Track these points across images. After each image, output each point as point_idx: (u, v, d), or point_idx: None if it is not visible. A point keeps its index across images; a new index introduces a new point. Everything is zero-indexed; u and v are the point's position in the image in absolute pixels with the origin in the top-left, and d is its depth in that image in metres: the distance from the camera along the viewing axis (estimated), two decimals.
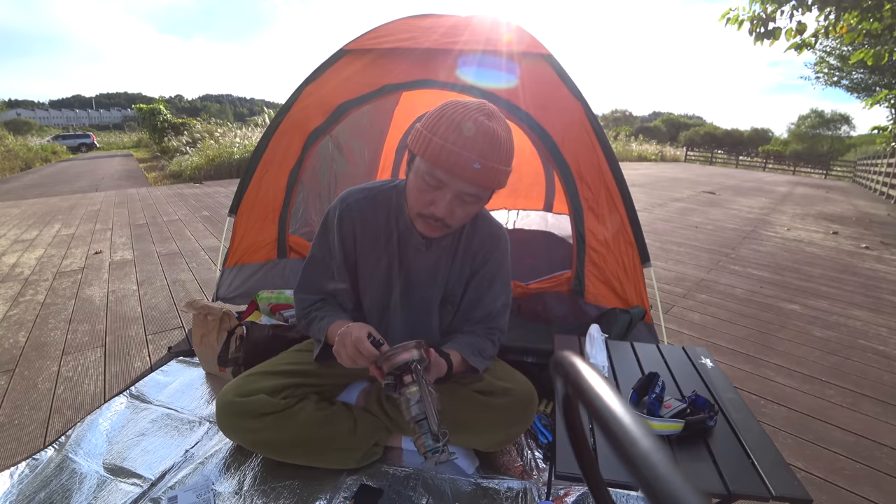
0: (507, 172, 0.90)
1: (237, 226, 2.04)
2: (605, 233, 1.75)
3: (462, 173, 0.85)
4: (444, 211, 0.90)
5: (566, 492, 1.14)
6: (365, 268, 1.11)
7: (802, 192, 10.57)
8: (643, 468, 0.14)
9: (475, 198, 0.91)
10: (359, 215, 1.07)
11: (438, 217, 0.91)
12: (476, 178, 0.86)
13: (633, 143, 24.54)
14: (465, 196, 0.90)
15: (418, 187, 0.92)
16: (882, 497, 1.24)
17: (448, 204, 0.90)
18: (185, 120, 14.67)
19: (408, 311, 1.14)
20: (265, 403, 1.08)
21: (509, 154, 0.89)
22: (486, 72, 1.75)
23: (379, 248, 1.09)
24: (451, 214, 0.91)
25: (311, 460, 1.13)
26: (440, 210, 0.90)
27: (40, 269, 3.08)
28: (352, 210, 1.08)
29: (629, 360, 1.26)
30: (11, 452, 1.30)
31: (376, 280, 1.11)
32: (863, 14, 4.28)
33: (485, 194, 0.93)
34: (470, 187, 0.88)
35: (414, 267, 1.10)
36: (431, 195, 0.90)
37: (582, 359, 0.21)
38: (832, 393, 1.76)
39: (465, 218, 0.96)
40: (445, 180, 0.87)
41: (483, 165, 0.85)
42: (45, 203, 6.26)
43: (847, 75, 15.19)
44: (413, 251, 1.08)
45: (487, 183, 0.89)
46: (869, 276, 3.45)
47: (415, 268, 1.10)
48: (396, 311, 1.14)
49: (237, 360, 1.41)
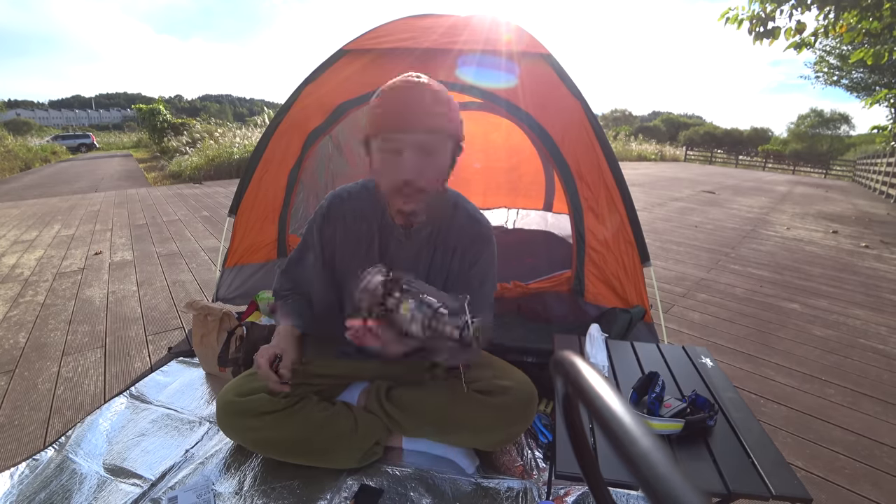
0: (450, 116, 0.92)
1: (237, 226, 2.04)
2: (605, 232, 1.75)
3: (408, 124, 0.89)
4: (412, 170, 0.91)
5: (566, 491, 1.14)
6: (347, 267, 1.10)
7: (802, 191, 10.57)
8: (643, 467, 0.14)
9: (432, 147, 0.92)
10: (341, 214, 1.09)
11: (409, 179, 0.92)
12: (423, 123, 0.89)
13: (633, 142, 24.52)
14: (423, 148, 0.91)
15: (381, 163, 0.94)
16: (882, 496, 1.25)
17: (412, 162, 0.91)
18: (185, 120, 14.67)
19: None
20: (265, 402, 1.08)
21: (446, 99, 0.92)
22: (485, 71, 1.75)
23: (361, 246, 1.09)
24: (419, 173, 0.92)
25: (311, 460, 1.13)
26: (407, 171, 0.91)
27: (40, 270, 3.08)
28: (336, 209, 1.10)
29: (629, 359, 1.26)
30: (11, 453, 1.30)
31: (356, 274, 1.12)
32: (862, 13, 4.29)
33: (442, 142, 0.93)
34: (423, 135, 0.90)
35: (396, 261, 1.09)
36: (394, 162, 0.92)
37: (582, 358, 0.21)
38: (832, 392, 1.76)
39: (434, 175, 0.96)
40: (398, 139, 0.90)
41: (423, 111, 0.89)
42: (45, 204, 6.26)
43: (847, 74, 15.19)
44: (395, 245, 1.09)
45: (435, 125, 0.90)
46: (869, 275, 3.45)
47: (397, 262, 1.09)
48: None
49: (237, 360, 1.41)
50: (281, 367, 1.03)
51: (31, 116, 65.35)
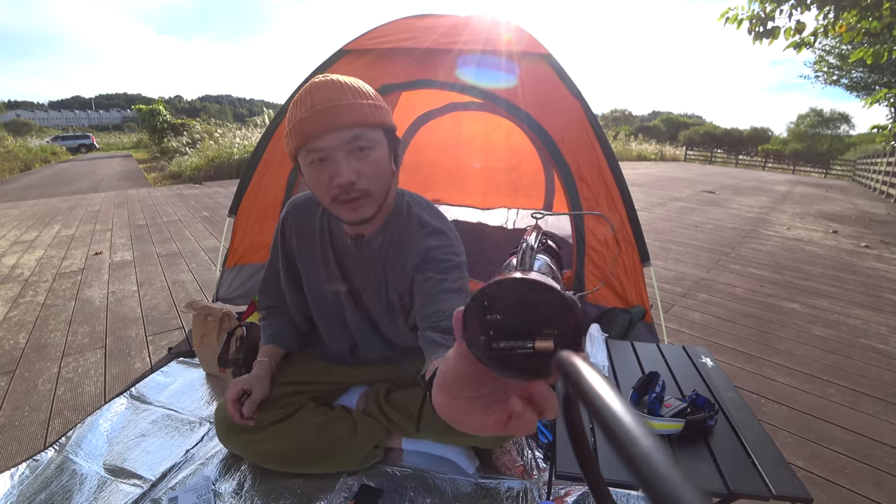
0: (370, 104, 0.84)
1: (237, 226, 2.04)
2: (605, 232, 1.75)
3: (327, 124, 0.80)
4: (348, 173, 0.82)
5: (567, 491, 1.14)
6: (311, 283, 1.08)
7: (802, 191, 10.57)
8: (643, 467, 0.14)
9: (364, 141, 0.83)
10: (296, 229, 1.06)
11: (346, 183, 0.82)
12: (341, 119, 0.80)
13: (633, 142, 24.53)
14: (352, 145, 0.82)
15: (314, 177, 0.85)
16: (882, 495, 1.24)
17: (345, 165, 0.82)
18: (185, 120, 14.67)
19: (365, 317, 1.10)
20: (263, 416, 1.08)
21: (360, 89, 0.84)
22: (485, 71, 1.75)
23: (319, 262, 1.06)
24: (357, 174, 0.83)
25: (312, 467, 1.13)
26: (343, 175, 0.82)
27: (40, 271, 3.08)
28: (290, 217, 1.07)
29: (629, 359, 1.26)
30: (12, 453, 1.30)
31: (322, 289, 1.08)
32: (862, 13, 4.29)
33: (371, 134, 0.84)
34: (346, 132, 0.81)
35: (353, 272, 1.05)
36: (326, 171, 0.83)
37: (582, 358, 0.21)
38: (832, 392, 1.76)
39: (375, 172, 0.86)
40: (322, 145, 0.81)
41: (338, 105, 0.80)
42: (45, 204, 6.26)
43: (846, 74, 15.20)
44: (350, 260, 1.04)
45: (355, 118, 0.81)
46: (869, 275, 3.45)
47: (354, 273, 1.05)
48: (355, 317, 1.10)
49: (237, 360, 1.41)
50: (246, 405, 1.02)
51: (30, 117, 65.38)
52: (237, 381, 1.05)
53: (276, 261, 1.13)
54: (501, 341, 0.28)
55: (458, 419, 0.32)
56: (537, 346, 0.28)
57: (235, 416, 1.02)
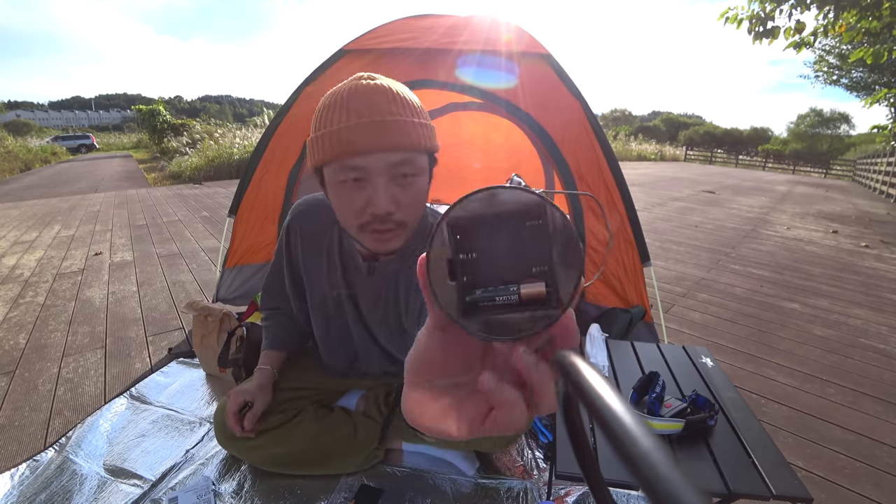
0: (422, 124, 0.73)
1: (237, 226, 2.04)
2: (605, 232, 1.75)
3: (374, 142, 0.69)
4: (386, 202, 0.71)
5: (567, 491, 1.14)
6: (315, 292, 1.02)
7: (802, 191, 10.57)
8: (643, 467, 0.14)
9: (410, 168, 0.73)
10: (301, 234, 0.99)
11: (383, 214, 0.72)
12: (392, 139, 0.69)
13: (633, 142, 24.54)
14: (396, 171, 0.72)
15: (344, 197, 0.74)
16: (883, 495, 1.24)
17: (385, 191, 0.71)
18: (185, 121, 14.68)
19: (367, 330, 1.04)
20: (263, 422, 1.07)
21: (412, 103, 0.73)
22: (485, 72, 1.75)
23: (323, 273, 0.98)
24: (396, 203, 0.73)
25: (313, 469, 1.13)
26: (381, 204, 0.71)
27: (40, 271, 3.08)
28: (296, 223, 0.99)
29: (629, 359, 1.26)
30: (12, 454, 1.30)
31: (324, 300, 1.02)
32: (862, 12, 4.29)
33: (418, 160, 0.74)
34: (393, 155, 0.70)
35: (361, 291, 0.97)
36: (361, 194, 0.73)
37: (582, 358, 0.21)
38: (833, 392, 1.76)
39: (415, 203, 0.77)
40: (362, 164, 0.70)
41: (390, 120, 0.69)
42: (45, 204, 6.26)
43: (846, 74, 15.21)
44: (359, 279, 0.96)
45: (407, 140, 0.71)
46: (869, 275, 3.45)
47: (362, 292, 0.97)
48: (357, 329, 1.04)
49: (237, 361, 1.41)
50: (247, 418, 1.02)
51: (30, 117, 65.42)
52: (238, 392, 1.03)
53: (281, 263, 1.08)
54: (477, 289, 0.22)
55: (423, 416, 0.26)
56: (524, 294, 0.22)
57: (236, 429, 1.01)
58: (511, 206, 0.22)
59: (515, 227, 0.22)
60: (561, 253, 0.22)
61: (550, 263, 0.22)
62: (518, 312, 0.22)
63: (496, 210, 0.22)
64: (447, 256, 0.22)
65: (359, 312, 1.03)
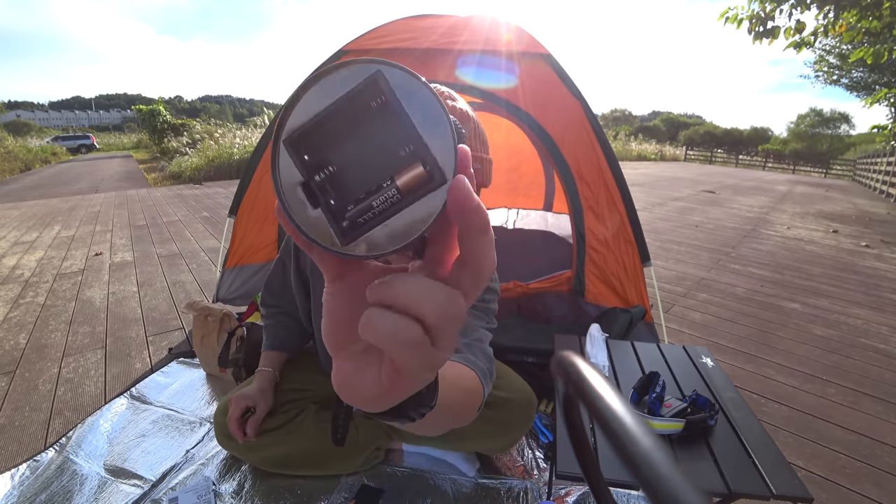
0: (489, 161, 0.74)
1: (237, 227, 2.04)
2: (605, 232, 1.75)
3: None
4: None
5: (567, 491, 1.14)
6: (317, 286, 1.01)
7: (802, 190, 10.57)
8: (644, 467, 0.14)
9: None
10: None
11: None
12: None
13: (633, 142, 24.54)
14: None
15: None
16: (883, 495, 1.24)
17: None
18: (185, 121, 14.68)
19: None
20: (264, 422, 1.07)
21: (484, 138, 0.74)
22: (485, 72, 1.75)
23: None
24: None
25: (313, 469, 1.13)
26: None
27: (40, 271, 3.08)
28: None
29: (629, 359, 1.26)
30: (12, 454, 1.30)
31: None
32: (862, 12, 4.29)
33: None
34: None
35: None
36: None
37: (582, 358, 0.21)
38: (833, 392, 1.76)
39: None
40: None
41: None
42: (45, 205, 6.26)
43: (846, 74, 15.21)
44: None
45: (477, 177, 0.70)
46: (869, 275, 3.45)
47: None
48: None
49: (237, 361, 1.41)
50: (249, 424, 1.02)
51: (31, 117, 65.43)
52: (240, 398, 1.03)
53: (285, 261, 1.09)
54: (348, 206, 0.18)
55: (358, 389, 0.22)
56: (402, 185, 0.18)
57: (238, 435, 1.01)
58: (345, 91, 0.18)
59: (359, 114, 0.18)
60: (423, 121, 0.18)
61: (416, 138, 0.18)
62: (404, 209, 0.18)
63: (331, 104, 0.18)
64: (300, 182, 0.18)
65: None
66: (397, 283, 0.19)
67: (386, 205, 0.18)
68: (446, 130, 0.18)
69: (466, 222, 0.19)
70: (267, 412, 1.06)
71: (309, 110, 0.18)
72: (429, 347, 0.19)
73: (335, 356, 0.23)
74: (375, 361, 0.21)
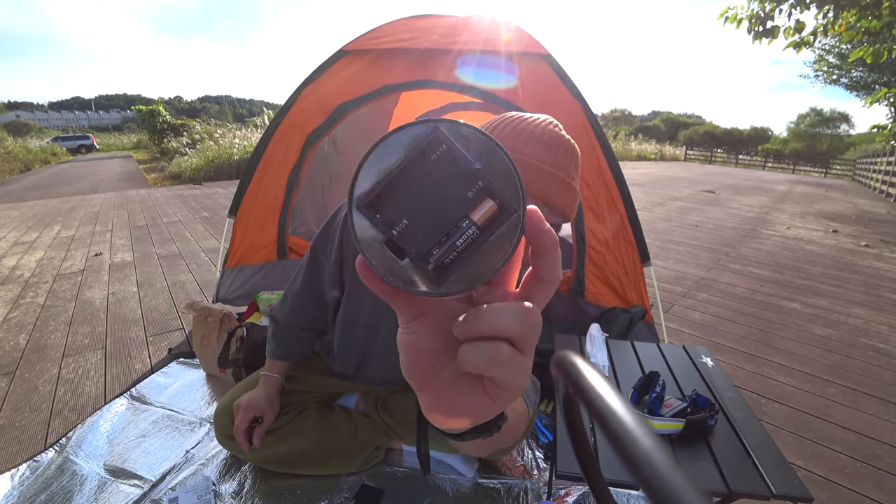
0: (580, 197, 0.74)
1: (237, 227, 2.04)
2: (605, 232, 1.75)
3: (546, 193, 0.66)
4: None
5: (567, 491, 1.14)
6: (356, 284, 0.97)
7: (802, 190, 10.57)
8: (644, 467, 0.14)
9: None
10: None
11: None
12: (560, 199, 0.67)
13: (633, 142, 24.56)
14: None
15: None
16: (883, 495, 1.24)
17: None
18: (185, 121, 14.67)
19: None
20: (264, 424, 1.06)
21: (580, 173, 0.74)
22: (485, 72, 1.75)
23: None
24: None
25: (313, 469, 1.13)
26: None
27: (40, 272, 3.08)
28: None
29: (629, 359, 1.26)
30: (12, 454, 1.30)
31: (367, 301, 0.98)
32: (861, 12, 4.29)
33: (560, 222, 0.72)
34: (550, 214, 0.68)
35: None
36: None
37: (582, 358, 0.21)
38: (833, 391, 1.76)
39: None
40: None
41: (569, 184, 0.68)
42: (45, 205, 6.26)
43: (846, 73, 15.21)
44: None
45: (569, 206, 0.69)
46: (869, 275, 3.45)
47: None
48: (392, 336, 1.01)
49: (237, 361, 1.41)
50: (256, 434, 1.02)
51: (30, 118, 65.42)
52: (248, 408, 1.01)
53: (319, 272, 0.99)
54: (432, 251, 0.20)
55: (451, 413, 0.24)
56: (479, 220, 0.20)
57: (245, 446, 1.01)
58: (405, 150, 0.20)
59: (423, 168, 0.20)
60: (484, 162, 0.20)
61: (481, 177, 0.20)
62: (485, 242, 0.20)
63: (394, 164, 0.20)
64: (381, 240, 0.20)
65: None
66: (480, 317, 0.21)
67: (468, 242, 0.20)
68: (505, 165, 0.20)
69: (541, 243, 0.22)
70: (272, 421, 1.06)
71: (374, 173, 0.20)
72: (520, 358, 0.22)
73: (425, 389, 0.25)
74: (477, 383, 0.24)
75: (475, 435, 0.30)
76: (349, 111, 1.91)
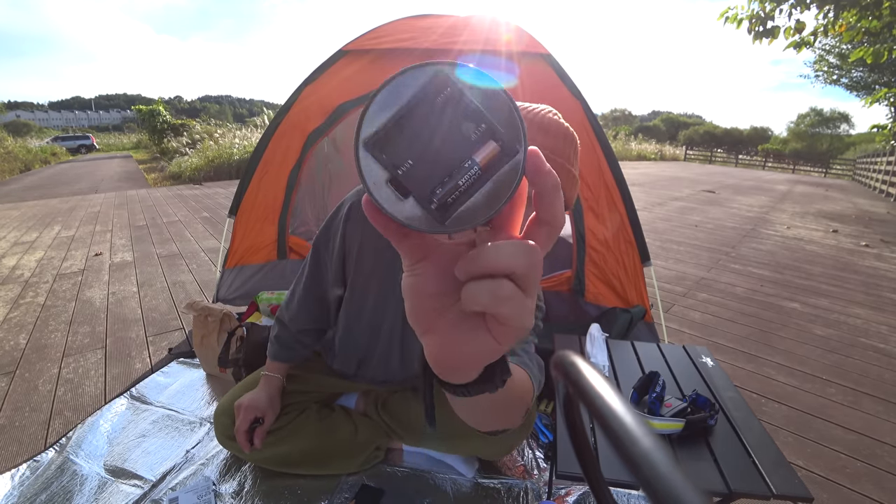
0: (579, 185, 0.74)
1: (237, 227, 2.04)
2: (605, 232, 1.75)
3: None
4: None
5: (567, 491, 1.14)
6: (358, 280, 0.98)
7: (802, 190, 10.57)
8: (644, 467, 0.14)
9: None
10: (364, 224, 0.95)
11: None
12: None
13: (633, 142, 24.55)
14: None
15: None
16: (883, 495, 1.24)
17: None
18: (185, 121, 14.67)
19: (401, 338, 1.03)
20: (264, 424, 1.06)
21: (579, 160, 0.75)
22: None
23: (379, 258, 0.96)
24: None
25: (314, 469, 1.13)
26: None
27: (40, 272, 3.08)
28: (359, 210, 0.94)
29: (629, 359, 1.26)
30: (12, 454, 1.30)
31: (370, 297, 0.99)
32: (861, 12, 4.29)
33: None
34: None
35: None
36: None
37: (582, 358, 0.21)
38: (833, 391, 1.76)
39: None
40: None
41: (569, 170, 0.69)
42: (45, 205, 6.26)
43: (846, 73, 15.21)
44: None
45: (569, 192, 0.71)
46: (869, 274, 3.45)
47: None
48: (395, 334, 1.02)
49: (237, 361, 1.41)
50: (257, 435, 1.02)
51: (30, 118, 65.41)
52: (249, 409, 1.01)
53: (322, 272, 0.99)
54: (436, 190, 0.21)
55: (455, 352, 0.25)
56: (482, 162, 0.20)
57: (246, 447, 1.00)
58: (413, 91, 0.20)
59: (429, 109, 0.20)
60: (488, 104, 0.20)
61: (484, 119, 0.20)
62: (487, 182, 0.21)
63: (400, 105, 0.20)
64: (386, 179, 0.21)
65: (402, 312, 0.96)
66: (482, 254, 0.22)
67: (470, 181, 0.21)
68: (508, 107, 0.20)
69: (543, 184, 0.22)
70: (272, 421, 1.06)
71: (380, 114, 0.20)
72: (522, 296, 0.22)
73: (429, 332, 0.25)
74: (480, 323, 0.24)
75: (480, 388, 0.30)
76: (349, 111, 1.91)
